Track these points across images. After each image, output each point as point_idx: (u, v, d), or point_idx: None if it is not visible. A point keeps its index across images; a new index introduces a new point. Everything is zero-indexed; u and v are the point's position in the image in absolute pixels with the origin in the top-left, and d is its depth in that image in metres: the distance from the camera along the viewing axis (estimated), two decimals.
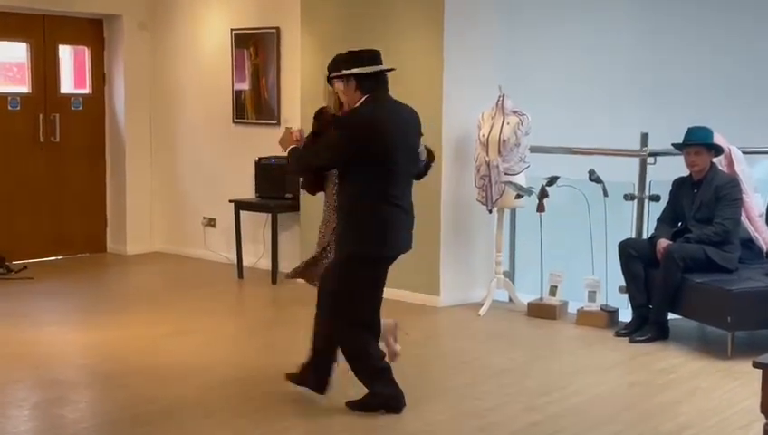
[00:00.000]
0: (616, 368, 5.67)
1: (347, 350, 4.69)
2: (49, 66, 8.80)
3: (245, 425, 4.57)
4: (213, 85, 8.74)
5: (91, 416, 4.76)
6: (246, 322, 6.93)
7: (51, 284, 7.91)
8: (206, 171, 8.90)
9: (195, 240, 9.02)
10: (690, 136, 6.21)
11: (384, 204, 4.53)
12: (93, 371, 5.51)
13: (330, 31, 7.50)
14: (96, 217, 9.27)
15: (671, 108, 8.14)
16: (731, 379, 5.37)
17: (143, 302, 7.35)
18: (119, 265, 8.90)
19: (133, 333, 6.26)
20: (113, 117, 9.20)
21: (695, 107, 7.95)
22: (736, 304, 5.74)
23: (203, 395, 4.97)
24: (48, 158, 8.82)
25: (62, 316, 6.88)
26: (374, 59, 4.60)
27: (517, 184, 6.72)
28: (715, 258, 6.04)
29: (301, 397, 4.90)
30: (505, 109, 6.74)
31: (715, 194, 6.13)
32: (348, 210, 4.58)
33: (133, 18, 9.03)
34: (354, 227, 4.56)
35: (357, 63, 4.56)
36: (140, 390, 5.06)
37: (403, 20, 7.09)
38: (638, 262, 6.25)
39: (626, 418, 4.73)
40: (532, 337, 6.39)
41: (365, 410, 4.64)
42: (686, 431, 4.53)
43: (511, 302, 7.12)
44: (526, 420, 4.65)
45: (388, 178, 4.53)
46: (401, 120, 4.64)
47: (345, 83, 4.57)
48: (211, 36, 8.72)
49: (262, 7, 8.36)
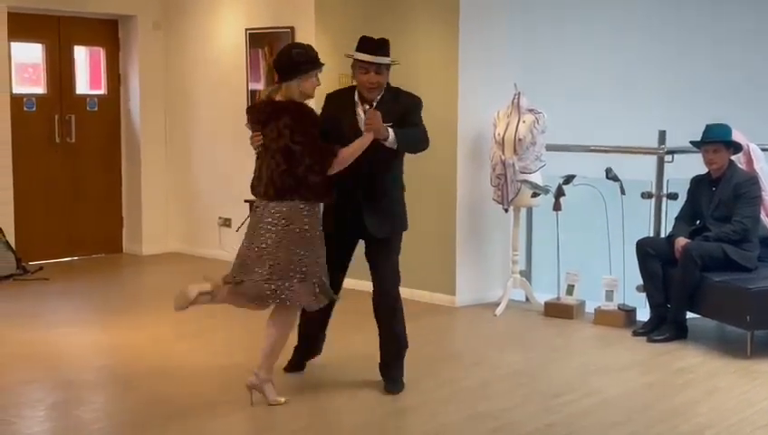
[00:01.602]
0: (634, 368, 5.64)
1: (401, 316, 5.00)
2: (64, 67, 8.85)
3: (261, 426, 4.58)
4: (228, 85, 8.76)
5: (106, 417, 4.79)
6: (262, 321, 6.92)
7: (66, 284, 7.95)
8: (221, 171, 8.92)
9: (210, 240, 9.05)
10: (708, 133, 6.18)
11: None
12: (109, 371, 5.54)
13: (344, 30, 7.50)
14: (112, 218, 9.31)
15: (689, 105, 8.10)
16: (750, 378, 5.33)
17: (159, 302, 7.35)
18: (134, 265, 8.94)
19: (149, 334, 6.28)
20: (129, 117, 9.24)
21: (713, 104, 7.91)
22: (756, 302, 5.70)
23: (219, 396, 4.98)
24: (64, 158, 8.87)
25: (77, 317, 6.91)
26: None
27: (533, 183, 6.70)
28: (733, 257, 6.00)
29: (317, 398, 4.90)
30: (521, 107, 6.73)
31: (733, 192, 6.10)
32: (400, 189, 4.96)
33: (148, 18, 9.08)
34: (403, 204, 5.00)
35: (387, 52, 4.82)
36: (156, 390, 5.08)
37: (418, 18, 7.08)
38: (656, 261, 6.23)
39: (644, 418, 4.70)
40: (549, 337, 6.37)
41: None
42: (705, 432, 4.50)
43: (527, 301, 7.10)
44: (542, 421, 4.63)
45: None
46: None
47: (387, 72, 4.78)
48: (226, 36, 8.75)
49: (276, 7, 8.37)
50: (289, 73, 4.61)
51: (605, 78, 8.34)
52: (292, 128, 4.57)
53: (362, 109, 4.79)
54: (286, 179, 4.61)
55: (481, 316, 6.83)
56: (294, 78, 4.60)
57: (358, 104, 4.82)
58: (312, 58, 4.67)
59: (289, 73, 4.61)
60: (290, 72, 4.61)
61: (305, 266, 4.61)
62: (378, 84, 4.76)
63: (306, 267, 4.62)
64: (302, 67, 4.60)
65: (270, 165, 4.66)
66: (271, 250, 4.61)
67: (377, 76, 4.73)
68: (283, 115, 4.59)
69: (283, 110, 4.61)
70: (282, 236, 4.60)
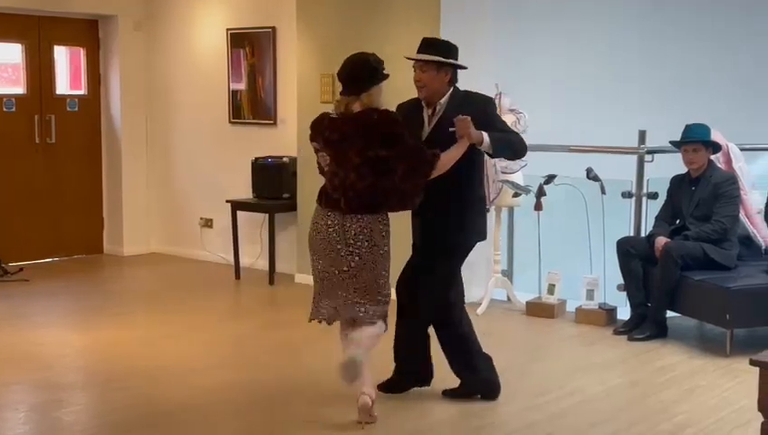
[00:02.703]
0: (615, 366, 5.66)
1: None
2: (44, 67, 8.78)
3: (244, 427, 4.56)
4: (209, 85, 8.72)
5: (87, 419, 4.74)
6: (243, 323, 6.91)
7: (47, 285, 7.89)
8: (202, 172, 8.88)
9: (192, 241, 9.01)
10: (688, 133, 6.20)
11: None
12: (90, 373, 5.50)
13: (326, 30, 7.50)
14: (92, 219, 9.25)
15: (669, 105, 8.13)
16: (730, 377, 5.36)
17: (140, 303, 7.33)
18: (115, 266, 8.88)
19: (130, 335, 6.24)
20: (109, 118, 9.18)
21: (692, 104, 7.94)
22: (735, 301, 5.73)
23: (201, 397, 4.95)
24: (44, 159, 8.80)
25: (58, 318, 6.86)
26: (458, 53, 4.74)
27: (515, 182, 6.71)
28: (713, 256, 6.03)
29: (293, 401, 4.88)
30: (503, 107, 6.72)
31: (713, 191, 6.13)
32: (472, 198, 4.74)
33: (129, 18, 9.02)
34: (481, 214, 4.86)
35: (454, 55, 4.68)
36: (138, 392, 5.04)
37: (399, 18, 7.07)
38: (637, 260, 6.25)
39: (625, 417, 4.72)
40: (531, 336, 6.38)
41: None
42: (685, 430, 4.52)
43: (509, 301, 7.11)
44: (525, 420, 4.64)
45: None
46: None
47: (437, 71, 4.60)
48: (207, 36, 8.71)
49: (258, 7, 8.34)
50: (371, 80, 4.44)
51: (586, 78, 8.35)
52: (383, 136, 4.37)
53: (426, 112, 4.69)
54: (376, 192, 4.40)
55: None
56: (374, 86, 4.44)
57: (423, 108, 4.72)
58: (383, 68, 4.54)
59: (371, 80, 4.44)
60: (372, 79, 4.45)
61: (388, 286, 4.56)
62: (421, 83, 4.63)
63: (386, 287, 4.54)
64: (381, 74, 4.48)
65: (351, 177, 4.40)
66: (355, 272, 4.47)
67: (420, 74, 4.62)
68: (372, 125, 4.38)
69: (369, 119, 4.39)
70: (368, 256, 4.45)
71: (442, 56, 4.61)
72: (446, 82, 4.65)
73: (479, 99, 4.75)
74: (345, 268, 4.45)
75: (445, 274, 4.76)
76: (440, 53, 4.62)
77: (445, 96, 4.65)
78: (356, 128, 4.39)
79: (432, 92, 4.62)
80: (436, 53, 4.62)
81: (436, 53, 4.62)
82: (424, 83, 4.63)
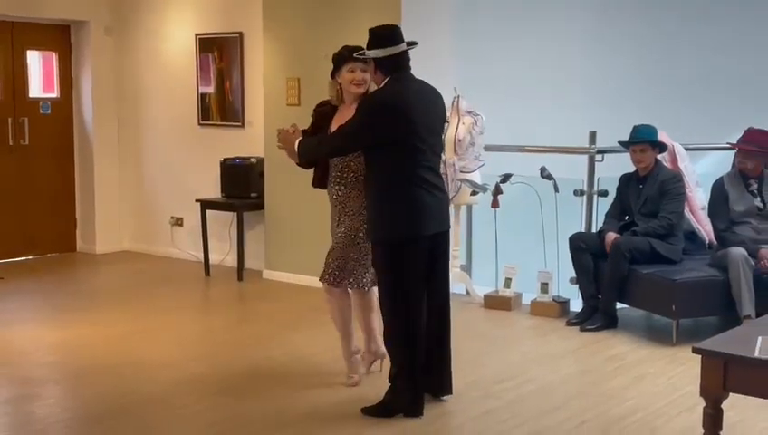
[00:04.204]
0: (568, 356, 5.68)
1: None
2: (17, 71, 8.64)
3: (212, 420, 4.51)
4: (178, 88, 8.63)
5: (59, 411, 4.66)
6: (213, 318, 6.86)
7: (21, 283, 7.76)
8: (172, 172, 8.79)
9: (163, 239, 8.92)
10: (636, 134, 6.25)
11: (414, 187, 4.30)
12: (62, 368, 5.41)
13: (291, 35, 7.45)
14: (65, 218, 9.12)
15: (617, 107, 8.19)
16: (676, 364, 5.40)
17: (112, 300, 7.24)
18: (88, 264, 8.76)
19: (102, 331, 6.16)
20: (81, 120, 9.06)
21: (639, 106, 8.00)
22: (680, 293, 5.78)
23: (171, 390, 4.89)
24: (18, 160, 8.66)
25: (31, 315, 6.74)
26: (393, 38, 4.38)
27: (472, 181, 6.72)
28: (660, 250, 6.08)
29: (263, 392, 4.85)
30: (460, 109, 6.73)
31: (659, 189, 6.18)
32: (377, 196, 4.37)
33: (99, 24, 8.90)
34: (386, 212, 4.35)
35: (375, 45, 4.40)
36: (109, 386, 4.97)
37: (361, 23, 7.02)
38: (588, 254, 6.28)
39: (578, 403, 4.74)
40: (489, 328, 6.39)
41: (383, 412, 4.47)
42: (634, 415, 4.55)
43: (468, 294, 7.12)
44: (484, 407, 4.65)
45: (414, 160, 4.30)
46: (426, 100, 4.45)
47: (368, 66, 4.53)
48: (176, 41, 8.62)
49: (225, 13, 8.27)
50: (332, 76, 4.80)
51: (540, 81, 8.39)
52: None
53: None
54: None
55: None
56: (334, 75, 4.77)
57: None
58: (338, 56, 4.72)
59: (332, 76, 4.80)
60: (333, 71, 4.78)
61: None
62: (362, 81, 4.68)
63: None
64: (334, 69, 4.74)
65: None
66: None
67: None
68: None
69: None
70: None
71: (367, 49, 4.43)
72: (375, 75, 4.44)
73: (370, 96, 4.50)
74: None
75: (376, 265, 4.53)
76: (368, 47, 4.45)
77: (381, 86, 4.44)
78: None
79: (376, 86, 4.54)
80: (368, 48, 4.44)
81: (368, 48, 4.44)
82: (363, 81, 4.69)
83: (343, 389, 4.87)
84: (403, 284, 4.37)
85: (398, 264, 4.34)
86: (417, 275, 4.39)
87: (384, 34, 4.42)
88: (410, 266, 4.35)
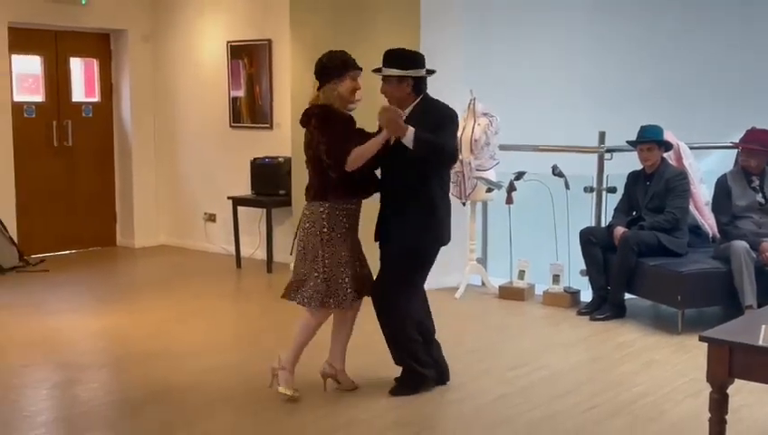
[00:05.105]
0: (579, 344, 5.66)
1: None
2: (61, 77, 8.70)
3: (244, 404, 4.53)
4: (211, 93, 8.67)
5: (102, 395, 4.70)
6: (244, 307, 6.89)
7: (65, 275, 7.83)
8: (205, 171, 8.83)
9: (197, 234, 8.96)
10: (643, 134, 6.21)
11: (447, 197, 4.51)
12: (105, 354, 5.46)
13: (316, 41, 7.43)
14: (106, 214, 9.19)
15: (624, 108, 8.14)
16: (682, 352, 5.37)
17: (150, 291, 7.28)
18: (127, 257, 8.82)
19: (141, 319, 6.20)
20: (120, 122, 9.12)
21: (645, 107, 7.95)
22: (686, 284, 5.74)
23: (205, 376, 4.92)
24: (61, 161, 8.73)
25: (75, 305, 6.80)
26: (423, 62, 4.44)
27: (488, 179, 6.70)
28: (666, 243, 6.04)
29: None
30: (476, 111, 6.72)
31: (665, 186, 6.14)
32: (428, 203, 4.36)
33: (137, 32, 8.95)
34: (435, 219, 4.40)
35: (412, 65, 4.36)
36: (148, 371, 5.01)
37: (383, 33, 7.03)
38: (598, 248, 6.25)
39: (589, 388, 4.72)
40: (503, 317, 6.38)
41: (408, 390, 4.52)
42: (642, 399, 4.53)
43: (483, 286, 7.10)
44: (498, 392, 4.64)
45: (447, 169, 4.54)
46: None
47: (398, 83, 4.34)
48: (209, 48, 8.65)
49: (255, 21, 8.29)
50: (323, 79, 4.35)
51: (552, 84, 8.36)
52: (319, 130, 4.27)
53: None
54: (317, 182, 4.35)
55: (442, 299, 6.80)
56: (329, 82, 4.31)
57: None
58: (341, 62, 4.33)
59: (323, 79, 4.35)
60: (323, 78, 4.34)
61: (326, 268, 4.32)
62: (387, 94, 4.40)
63: (328, 268, 4.32)
64: (333, 72, 4.31)
65: (308, 169, 4.42)
66: (299, 252, 4.42)
67: (384, 86, 4.41)
68: (311, 120, 4.32)
69: (311, 114, 4.33)
70: (307, 240, 4.35)
71: (401, 68, 4.32)
72: (408, 93, 4.36)
73: (440, 109, 4.43)
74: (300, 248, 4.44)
75: (396, 274, 4.39)
76: (399, 65, 4.34)
77: (412, 105, 4.38)
78: (303, 122, 4.39)
79: (396, 102, 4.36)
80: (396, 65, 4.34)
81: (396, 65, 4.34)
82: (388, 94, 4.40)
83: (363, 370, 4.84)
84: (416, 282, 4.49)
85: (420, 266, 4.47)
86: (426, 276, 4.56)
87: (420, 58, 4.45)
88: (427, 268, 4.51)
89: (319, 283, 4.32)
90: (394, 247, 4.40)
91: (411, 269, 4.45)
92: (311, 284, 4.33)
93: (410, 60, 4.40)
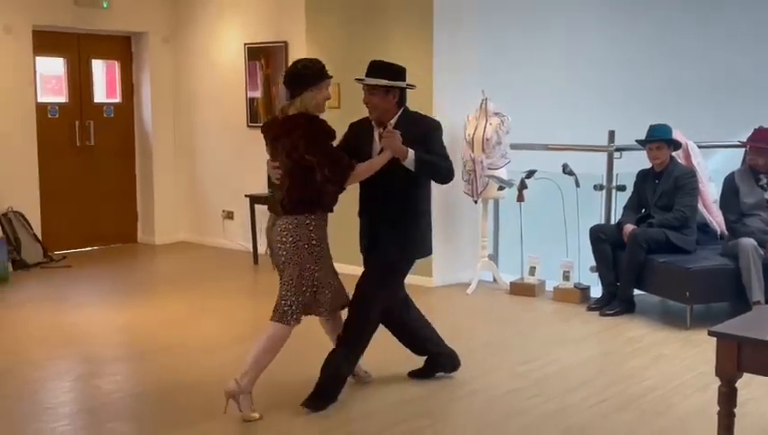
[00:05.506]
0: (589, 338, 5.64)
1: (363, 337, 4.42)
2: (84, 78, 8.74)
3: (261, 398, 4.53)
4: (229, 93, 8.69)
5: (125, 387, 4.72)
6: (261, 303, 6.87)
7: (88, 271, 7.87)
8: (224, 170, 8.85)
9: (215, 231, 8.99)
10: (652, 133, 6.18)
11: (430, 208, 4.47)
12: (127, 347, 5.48)
13: (332, 43, 7.45)
14: (127, 212, 9.23)
15: (634, 107, 8.11)
16: (690, 347, 5.34)
17: (170, 286, 7.31)
18: (148, 253, 8.86)
19: (161, 314, 6.23)
20: (141, 123, 9.15)
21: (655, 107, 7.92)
22: (694, 280, 5.71)
23: (223, 370, 4.91)
24: (84, 160, 8.77)
25: (98, 299, 6.84)
26: (405, 75, 4.36)
27: (499, 177, 6.69)
28: (674, 241, 6.01)
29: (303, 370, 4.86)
30: (488, 111, 6.70)
31: (674, 184, 6.10)
32: (420, 214, 4.35)
33: (158, 35, 8.98)
34: (425, 229, 4.39)
35: (398, 77, 4.29)
36: (168, 364, 5.03)
37: (396, 31, 7.04)
38: (607, 245, 6.23)
39: (599, 382, 4.70)
40: (515, 312, 6.36)
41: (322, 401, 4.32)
42: (651, 393, 4.51)
43: (495, 282, 7.09)
44: (510, 386, 4.63)
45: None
46: None
47: (385, 94, 4.24)
48: (227, 50, 8.67)
49: (272, 23, 8.30)
50: (299, 87, 4.13)
51: (562, 83, 8.33)
52: (306, 140, 4.06)
53: (378, 132, 4.30)
54: (304, 194, 4.12)
55: (455, 295, 6.82)
56: (305, 90, 4.11)
57: (374, 128, 4.33)
58: (319, 70, 4.17)
59: (299, 87, 4.13)
60: (300, 86, 4.13)
61: (317, 280, 4.19)
62: (371, 105, 4.28)
63: (317, 281, 4.20)
64: (310, 80, 4.12)
65: (284, 182, 4.15)
66: (283, 267, 4.22)
67: (369, 96, 4.29)
68: (296, 129, 4.08)
69: (295, 124, 4.10)
70: (292, 253, 4.16)
71: (388, 80, 4.24)
72: (394, 104, 4.27)
73: (426, 121, 4.41)
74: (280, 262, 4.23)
75: (382, 283, 4.35)
76: (387, 76, 4.25)
77: (395, 116, 4.29)
78: (284, 130, 4.13)
79: (381, 113, 4.27)
80: (384, 76, 4.25)
81: (384, 76, 4.25)
82: (373, 105, 4.27)
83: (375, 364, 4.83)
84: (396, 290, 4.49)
85: (402, 276, 4.47)
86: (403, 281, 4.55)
87: (403, 71, 4.37)
88: (405, 276, 4.51)
89: (308, 296, 4.18)
90: (380, 258, 4.35)
91: (393, 280, 4.43)
92: (292, 298, 4.17)
93: (396, 72, 4.32)
